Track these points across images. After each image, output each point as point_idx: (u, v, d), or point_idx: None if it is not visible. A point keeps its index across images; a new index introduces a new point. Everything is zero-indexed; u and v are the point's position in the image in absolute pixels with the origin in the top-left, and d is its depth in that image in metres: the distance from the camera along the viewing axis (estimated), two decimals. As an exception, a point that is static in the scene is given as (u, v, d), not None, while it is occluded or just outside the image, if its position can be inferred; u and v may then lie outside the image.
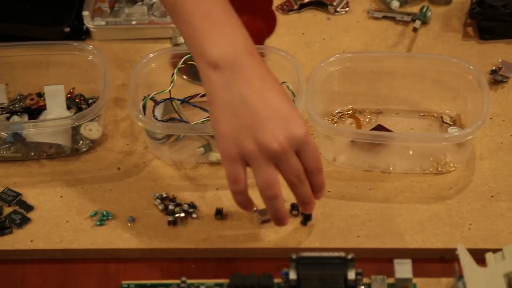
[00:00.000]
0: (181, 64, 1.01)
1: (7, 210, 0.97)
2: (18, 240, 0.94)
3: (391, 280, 0.89)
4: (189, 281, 0.90)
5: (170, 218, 0.96)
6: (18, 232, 0.95)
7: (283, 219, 0.90)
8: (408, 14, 1.17)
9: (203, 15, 0.87)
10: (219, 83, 0.86)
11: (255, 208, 0.92)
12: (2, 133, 1.02)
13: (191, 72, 1.07)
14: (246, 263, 0.93)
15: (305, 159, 0.88)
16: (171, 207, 0.97)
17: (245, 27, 1.13)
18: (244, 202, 0.89)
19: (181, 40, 1.14)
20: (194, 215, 0.96)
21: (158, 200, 0.98)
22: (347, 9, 1.19)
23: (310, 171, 0.88)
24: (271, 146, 0.85)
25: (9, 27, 1.14)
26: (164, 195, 0.98)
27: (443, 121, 1.05)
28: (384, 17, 1.18)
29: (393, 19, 1.18)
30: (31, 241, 0.94)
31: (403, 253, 0.93)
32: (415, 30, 1.14)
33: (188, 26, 0.87)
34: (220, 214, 0.96)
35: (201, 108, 1.02)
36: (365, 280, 0.89)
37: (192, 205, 0.97)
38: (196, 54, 0.87)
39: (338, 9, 1.19)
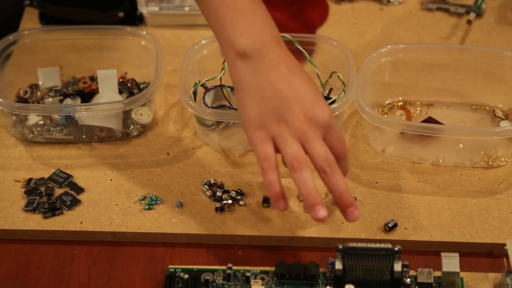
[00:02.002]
0: (233, 52, 1.01)
1: (58, 191, 0.99)
2: (68, 221, 0.96)
3: (437, 274, 0.88)
4: (234, 267, 0.91)
5: (218, 205, 0.96)
6: (68, 213, 0.97)
7: (314, 200, 0.86)
8: (463, 6, 1.16)
9: (232, 5, 0.89)
10: (246, 70, 0.88)
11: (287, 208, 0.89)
12: (55, 116, 1.04)
13: (242, 59, 1.07)
14: (292, 251, 0.93)
15: (331, 143, 0.88)
16: (218, 193, 0.97)
17: (298, 16, 1.13)
18: (274, 183, 0.87)
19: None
20: (241, 202, 0.97)
21: (206, 186, 0.98)
22: (400, -1, 1.18)
23: (336, 156, 0.88)
24: (296, 123, 0.86)
25: (64, 11, 1.15)
26: (212, 182, 0.99)
27: (495, 115, 1.04)
28: (438, 9, 1.17)
29: (447, 10, 1.16)
30: (81, 222, 0.96)
31: (450, 246, 0.92)
32: (469, 22, 1.13)
33: (217, 16, 0.89)
34: (267, 202, 0.96)
35: (251, 96, 1.02)
36: (412, 272, 0.89)
37: (239, 192, 0.97)
38: (224, 43, 0.89)
39: (391, 0, 1.18)
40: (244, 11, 0.88)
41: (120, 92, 1.06)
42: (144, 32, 1.08)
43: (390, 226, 0.93)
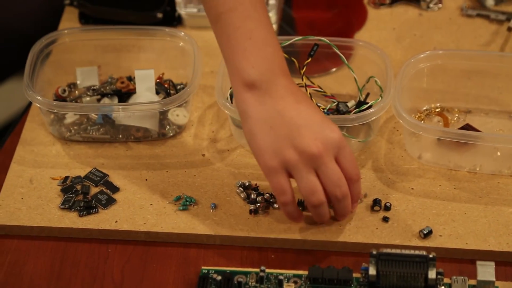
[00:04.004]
0: (270, 54, 1.01)
1: (94, 190, 0.99)
2: (103, 220, 0.96)
3: (472, 282, 0.87)
4: (267, 270, 0.91)
5: (252, 207, 0.96)
6: (104, 212, 0.97)
7: (325, 221, 0.93)
8: (503, 13, 1.15)
9: (247, 35, 0.89)
10: (254, 100, 0.89)
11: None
12: (93, 115, 1.05)
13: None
14: (325, 255, 0.93)
15: (343, 164, 0.89)
16: (253, 196, 0.97)
17: (335, 20, 1.13)
18: (293, 213, 0.92)
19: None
20: (275, 205, 0.97)
21: (240, 188, 0.98)
22: (440, 5, 1.17)
23: (349, 178, 0.90)
24: (309, 149, 0.88)
25: (103, 11, 1.16)
26: (247, 184, 0.99)
27: (534, 124, 1.03)
28: (478, 15, 1.16)
29: (487, 17, 1.15)
30: (116, 221, 0.96)
31: (486, 255, 0.91)
32: (509, 29, 1.12)
33: (229, 42, 0.90)
34: (301, 205, 0.96)
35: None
36: (446, 280, 0.88)
37: (273, 195, 0.97)
38: (233, 70, 0.90)
39: (430, 5, 1.17)
40: (257, 42, 0.89)
41: (157, 93, 1.06)
42: (182, 33, 1.08)
43: (425, 233, 0.93)
